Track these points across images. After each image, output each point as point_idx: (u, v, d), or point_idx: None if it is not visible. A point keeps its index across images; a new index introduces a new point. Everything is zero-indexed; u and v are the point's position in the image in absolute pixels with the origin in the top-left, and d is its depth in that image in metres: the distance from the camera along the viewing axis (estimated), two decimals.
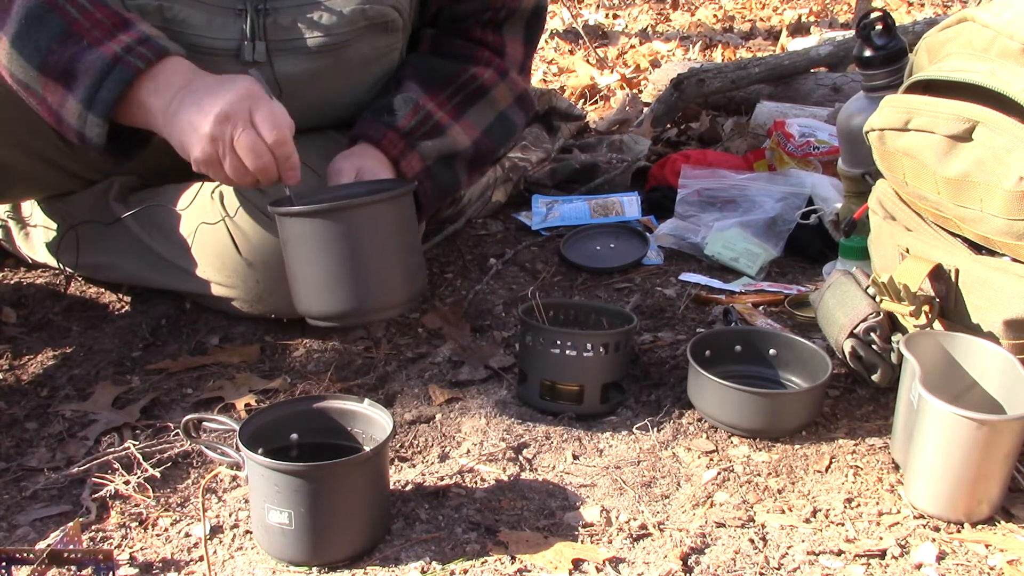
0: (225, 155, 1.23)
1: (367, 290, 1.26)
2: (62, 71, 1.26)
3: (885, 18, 1.53)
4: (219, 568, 1.05)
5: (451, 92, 1.55)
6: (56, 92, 1.28)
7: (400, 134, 1.46)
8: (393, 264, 1.28)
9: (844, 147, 1.65)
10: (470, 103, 1.56)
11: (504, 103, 1.61)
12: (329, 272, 1.24)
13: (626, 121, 2.80)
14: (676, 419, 1.33)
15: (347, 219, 1.23)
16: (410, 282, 1.30)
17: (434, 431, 1.31)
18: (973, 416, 1.06)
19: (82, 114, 1.27)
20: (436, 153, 1.50)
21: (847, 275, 1.39)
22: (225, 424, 1.13)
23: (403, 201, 1.29)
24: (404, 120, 1.47)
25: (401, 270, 1.29)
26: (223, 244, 1.47)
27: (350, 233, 1.23)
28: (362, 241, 1.24)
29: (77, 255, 1.59)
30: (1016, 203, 1.13)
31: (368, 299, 1.26)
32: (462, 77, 1.56)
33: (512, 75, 1.62)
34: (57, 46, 1.26)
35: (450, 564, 1.04)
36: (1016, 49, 1.17)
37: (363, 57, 1.48)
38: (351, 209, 1.25)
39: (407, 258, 1.30)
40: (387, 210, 1.27)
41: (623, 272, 1.80)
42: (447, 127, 1.52)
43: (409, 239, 1.31)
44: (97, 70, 1.25)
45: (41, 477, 1.21)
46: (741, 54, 3.91)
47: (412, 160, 1.48)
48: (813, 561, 1.05)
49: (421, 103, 1.49)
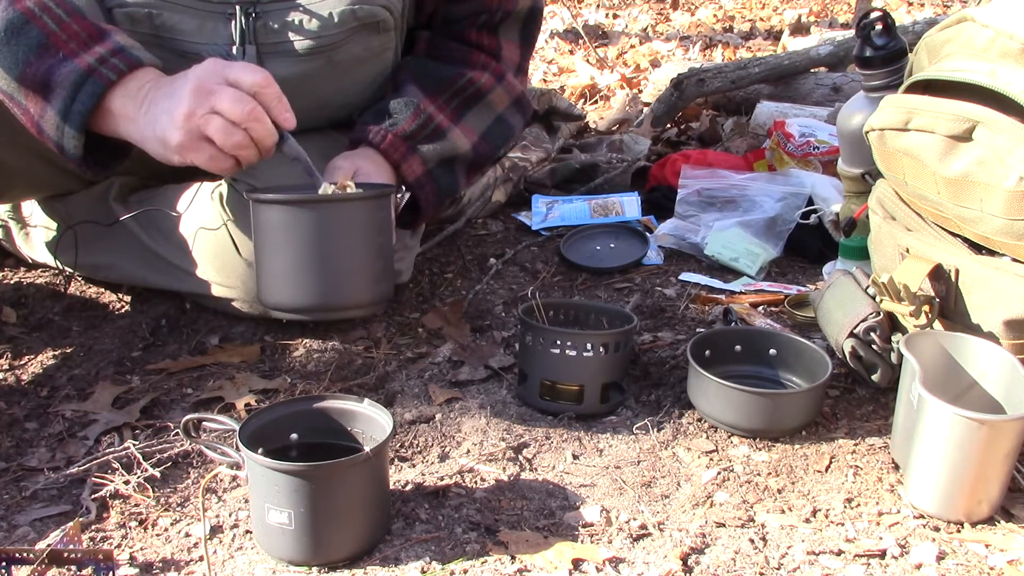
0: (207, 122, 1.20)
1: (330, 287, 1.27)
2: (40, 83, 1.27)
3: (885, 18, 1.53)
4: (219, 568, 1.05)
5: (448, 96, 1.54)
6: (36, 103, 1.28)
7: (401, 138, 1.46)
8: (360, 265, 1.29)
9: (844, 147, 1.65)
10: (467, 107, 1.57)
11: (501, 106, 1.61)
12: (294, 264, 1.26)
13: (626, 121, 2.81)
14: (676, 419, 1.33)
15: (318, 213, 1.25)
16: (375, 284, 1.32)
17: (434, 431, 1.31)
18: (973, 416, 1.06)
19: (59, 126, 1.27)
20: (437, 156, 1.50)
21: (847, 275, 1.39)
22: (225, 424, 1.13)
23: (378, 203, 1.30)
24: (406, 123, 1.47)
25: (368, 272, 1.30)
26: (223, 244, 1.47)
27: (319, 227, 1.24)
28: (331, 237, 1.25)
29: (76, 255, 1.59)
30: (1016, 203, 1.13)
31: (331, 296, 1.28)
32: (459, 82, 1.56)
33: (509, 78, 1.62)
34: (35, 58, 1.27)
35: (450, 564, 1.04)
36: (1016, 49, 1.17)
37: (355, 58, 1.48)
38: (323, 204, 1.26)
39: (375, 261, 1.31)
40: (360, 210, 1.28)
41: (623, 272, 1.80)
42: (447, 130, 1.52)
43: (379, 242, 1.31)
44: (71, 82, 1.25)
45: (41, 477, 1.21)
46: (741, 54, 3.92)
47: (413, 163, 1.48)
48: (813, 561, 1.05)
49: (422, 106, 1.49)
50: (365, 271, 1.30)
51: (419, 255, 1.76)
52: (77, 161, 1.31)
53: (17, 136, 1.51)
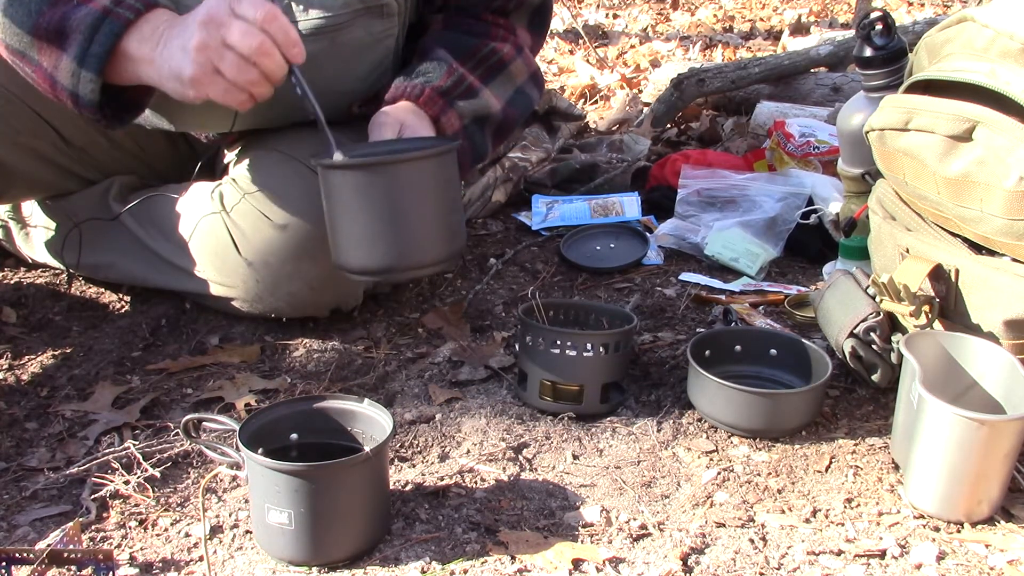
0: (220, 57, 1.19)
1: (407, 246, 1.26)
2: (54, 31, 1.26)
3: (885, 18, 1.53)
4: (219, 568, 1.05)
5: (474, 63, 1.56)
6: (50, 54, 1.27)
7: (438, 92, 1.47)
8: (435, 221, 1.28)
9: (844, 147, 1.65)
10: (492, 75, 1.58)
11: (521, 78, 1.63)
12: (370, 226, 1.25)
13: (626, 121, 2.81)
14: (676, 419, 1.33)
15: (391, 174, 1.24)
16: (451, 240, 1.31)
17: (434, 431, 1.31)
18: (973, 416, 1.06)
19: (75, 72, 1.26)
20: (472, 113, 1.52)
21: (847, 275, 1.39)
22: (225, 424, 1.13)
23: (447, 158, 1.30)
24: (440, 80, 1.48)
25: (443, 227, 1.29)
26: (223, 244, 1.47)
27: (393, 188, 1.24)
28: (405, 197, 1.24)
29: (80, 253, 1.59)
30: (1016, 203, 1.13)
31: (408, 255, 1.27)
32: (483, 50, 1.58)
33: (526, 52, 1.65)
34: (48, 7, 1.26)
35: (450, 564, 1.04)
36: (1016, 49, 1.17)
37: (358, 42, 1.48)
38: (396, 164, 1.26)
39: (449, 216, 1.30)
40: (431, 167, 1.27)
41: (623, 272, 1.80)
42: (479, 90, 1.54)
43: (451, 196, 1.31)
44: (87, 25, 1.24)
45: (41, 477, 1.21)
46: (741, 54, 3.91)
47: (451, 117, 1.49)
48: (813, 561, 1.05)
49: (454, 66, 1.51)
50: (439, 227, 1.29)
51: None
52: (92, 109, 1.29)
53: (18, 136, 1.51)
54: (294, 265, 1.45)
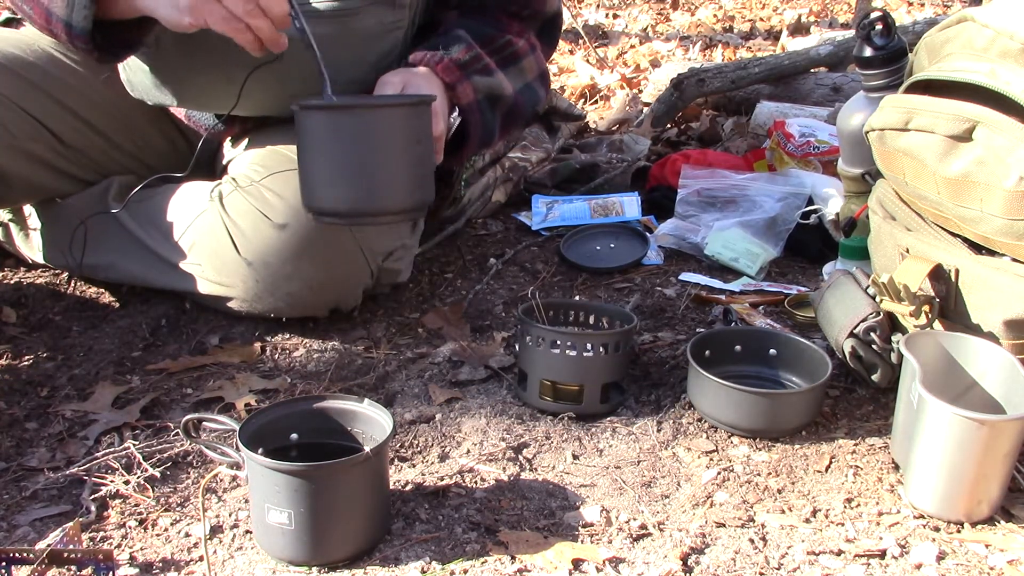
0: None
1: (372, 190, 1.30)
2: None
3: (885, 18, 1.53)
4: (219, 568, 1.05)
5: (491, 50, 1.58)
6: None
7: (457, 64, 1.49)
8: (400, 170, 1.31)
9: (844, 147, 1.65)
10: (505, 65, 1.61)
11: (531, 75, 1.65)
12: (338, 168, 1.29)
13: (626, 121, 2.81)
14: (676, 419, 1.33)
15: (362, 117, 1.29)
16: (415, 191, 1.34)
17: (434, 431, 1.31)
18: (973, 416, 1.06)
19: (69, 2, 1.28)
20: (487, 89, 1.54)
21: (847, 275, 1.39)
22: (225, 424, 1.13)
23: (419, 111, 1.33)
24: (459, 53, 1.51)
25: (410, 177, 1.32)
26: (222, 243, 1.47)
27: (363, 132, 1.28)
28: (373, 141, 1.28)
29: (83, 252, 1.59)
30: (1016, 203, 1.13)
31: (373, 199, 1.31)
32: (499, 40, 1.60)
33: (538, 51, 1.68)
34: None
35: (450, 564, 1.04)
36: (1016, 49, 1.17)
37: (368, 31, 1.49)
38: (368, 108, 1.31)
39: (416, 167, 1.33)
40: (402, 116, 1.31)
41: (623, 272, 1.80)
42: (494, 71, 1.56)
43: (420, 151, 1.33)
44: None
45: (41, 477, 1.21)
46: (741, 54, 3.92)
47: (467, 88, 1.51)
48: (813, 561, 1.05)
49: (472, 45, 1.53)
50: (406, 176, 1.32)
51: (419, 255, 1.76)
52: (85, 38, 1.31)
53: (16, 141, 1.51)
54: (294, 265, 1.45)
